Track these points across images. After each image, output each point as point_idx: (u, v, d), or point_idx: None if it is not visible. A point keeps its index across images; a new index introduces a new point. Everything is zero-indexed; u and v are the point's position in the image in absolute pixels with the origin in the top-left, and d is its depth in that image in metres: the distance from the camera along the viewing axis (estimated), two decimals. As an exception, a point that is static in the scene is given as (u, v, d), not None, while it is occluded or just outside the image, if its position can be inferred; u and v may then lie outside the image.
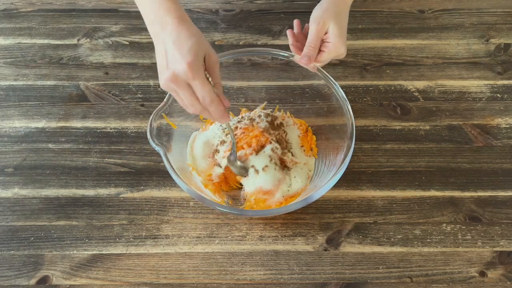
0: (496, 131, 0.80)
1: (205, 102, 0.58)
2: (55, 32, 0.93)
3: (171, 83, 0.58)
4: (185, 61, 0.56)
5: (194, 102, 0.59)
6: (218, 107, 0.59)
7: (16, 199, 0.73)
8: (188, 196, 0.72)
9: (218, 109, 0.59)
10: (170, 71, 0.57)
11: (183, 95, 0.59)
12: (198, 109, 0.60)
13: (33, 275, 0.66)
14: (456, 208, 0.72)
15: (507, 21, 0.95)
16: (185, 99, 0.59)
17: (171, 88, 0.59)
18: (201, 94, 0.58)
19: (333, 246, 0.69)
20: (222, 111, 0.60)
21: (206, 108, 0.59)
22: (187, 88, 0.58)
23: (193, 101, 0.59)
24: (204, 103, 0.59)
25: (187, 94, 0.58)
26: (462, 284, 0.66)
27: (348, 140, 0.67)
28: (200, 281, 0.66)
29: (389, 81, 0.86)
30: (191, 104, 0.59)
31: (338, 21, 0.68)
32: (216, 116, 0.61)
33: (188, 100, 0.59)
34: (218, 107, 0.59)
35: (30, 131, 0.80)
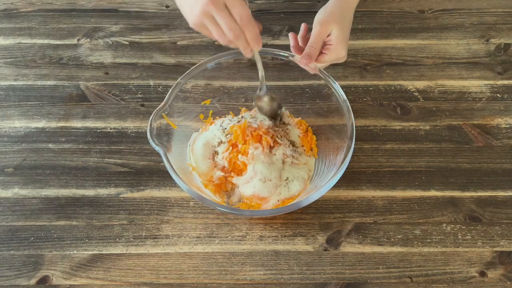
0: (496, 131, 0.80)
1: (243, 21, 0.58)
2: (55, 32, 0.93)
3: (211, 6, 0.57)
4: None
5: (232, 24, 0.58)
6: (255, 27, 0.60)
7: (16, 199, 0.73)
8: (188, 196, 0.72)
9: (255, 30, 0.60)
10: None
11: (220, 17, 0.58)
12: (236, 33, 0.59)
13: (33, 275, 0.66)
14: (456, 208, 0.72)
15: (507, 21, 0.95)
16: (223, 22, 0.58)
17: (208, 15, 0.58)
18: (239, 13, 0.58)
19: (333, 246, 0.69)
20: (258, 32, 0.61)
21: (243, 29, 0.59)
22: (224, 10, 0.58)
23: (231, 24, 0.58)
24: (242, 23, 0.58)
25: (225, 16, 0.58)
26: (462, 284, 0.66)
27: (348, 140, 0.67)
28: (200, 281, 0.66)
29: (389, 81, 0.86)
30: (229, 27, 0.59)
31: (341, 25, 0.68)
32: (251, 38, 0.60)
33: (226, 23, 0.58)
34: (255, 27, 0.60)
35: (30, 131, 0.80)
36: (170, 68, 0.87)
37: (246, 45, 0.62)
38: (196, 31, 0.63)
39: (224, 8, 0.58)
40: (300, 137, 0.76)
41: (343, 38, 0.69)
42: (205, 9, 0.58)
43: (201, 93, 0.77)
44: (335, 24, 0.68)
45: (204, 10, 0.58)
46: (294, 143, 0.74)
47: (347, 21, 0.70)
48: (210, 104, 0.78)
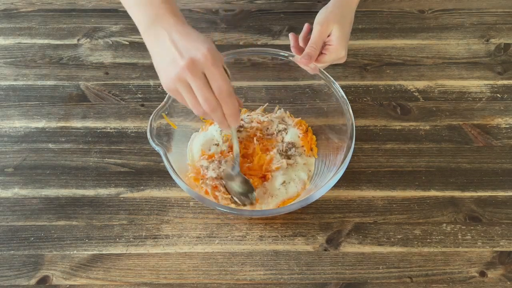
0: (496, 131, 0.80)
1: (222, 94, 0.54)
2: (55, 32, 0.93)
3: (187, 71, 0.52)
4: (205, 47, 0.53)
5: (208, 96, 0.54)
6: (235, 102, 0.55)
7: (16, 199, 0.73)
8: (188, 196, 0.72)
9: (234, 105, 0.55)
10: (186, 59, 0.52)
11: (196, 87, 0.53)
12: (211, 105, 0.54)
13: (33, 275, 0.66)
14: (456, 208, 0.72)
15: (507, 21, 0.95)
16: (198, 92, 0.54)
17: (183, 80, 0.54)
18: (218, 84, 0.53)
19: (333, 246, 0.69)
20: (237, 109, 0.56)
21: (221, 102, 0.55)
22: (202, 79, 0.53)
23: (207, 95, 0.54)
24: (220, 95, 0.54)
25: (201, 85, 0.53)
26: (462, 284, 0.66)
27: (348, 140, 0.67)
28: (200, 281, 0.66)
29: (389, 81, 0.86)
30: (205, 98, 0.54)
31: (342, 25, 0.68)
32: (230, 113, 0.56)
33: (202, 94, 0.54)
34: (235, 103, 0.55)
35: (30, 131, 0.80)
36: (170, 68, 0.87)
37: (222, 119, 0.57)
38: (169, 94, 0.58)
39: (202, 76, 0.53)
40: (300, 137, 0.76)
41: (343, 38, 0.69)
42: (181, 75, 0.53)
43: (201, 93, 0.77)
44: (335, 24, 0.68)
45: (179, 75, 0.53)
46: (294, 144, 0.75)
47: (347, 21, 0.70)
48: (210, 104, 0.78)
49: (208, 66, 0.53)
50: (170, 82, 0.55)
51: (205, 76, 0.54)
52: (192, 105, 0.56)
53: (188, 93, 0.55)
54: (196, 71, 0.53)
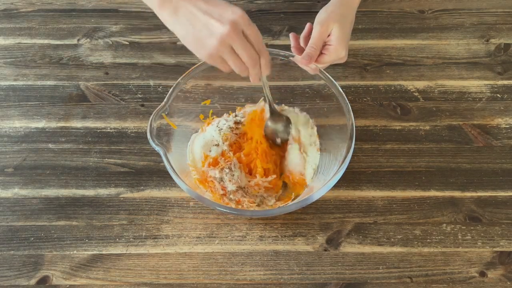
0: (496, 131, 0.80)
1: (259, 45, 0.59)
2: (55, 32, 0.93)
3: (232, 35, 0.56)
4: (237, 8, 0.56)
5: (252, 52, 0.58)
6: (267, 52, 0.61)
7: (16, 199, 0.73)
8: (188, 196, 0.72)
9: (267, 53, 0.61)
10: (227, 24, 0.55)
11: (241, 47, 0.57)
12: (254, 60, 0.59)
13: (33, 275, 0.66)
14: (456, 208, 0.72)
15: (507, 21, 0.95)
16: (243, 51, 0.58)
17: (226, 45, 0.57)
18: (257, 39, 0.58)
19: (333, 246, 0.69)
20: (269, 56, 0.61)
21: (260, 54, 0.59)
22: (243, 38, 0.57)
23: (251, 52, 0.58)
24: (258, 47, 0.59)
25: (245, 44, 0.57)
26: (462, 284, 0.66)
27: (348, 140, 0.67)
28: (200, 281, 0.66)
29: (389, 81, 0.86)
30: (249, 55, 0.58)
31: (342, 25, 0.68)
32: (265, 63, 0.61)
33: (246, 51, 0.58)
34: (267, 51, 0.61)
35: (30, 131, 0.80)
36: (170, 68, 0.87)
37: (258, 71, 0.62)
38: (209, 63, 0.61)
39: (243, 36, 0.57)
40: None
41: (343, 38, 0.69)
42: (225, 39, 0.56)
43: (201, 93, 0.77)
44: (335, 24, 0.68)
45: (223, 41, 0.57)
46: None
47: (348, 21, 0.70)
48: (210, 104, 0.78)
49: (246, 24, 0.57)
50: (213, 51, 0.58)
51: (244, 34, 0.58)
52: (235, 65, 0.60)
53: (232, 55, 0.59)
54: (238, 32, 0.56)
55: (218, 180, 0.69)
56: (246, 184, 0.70)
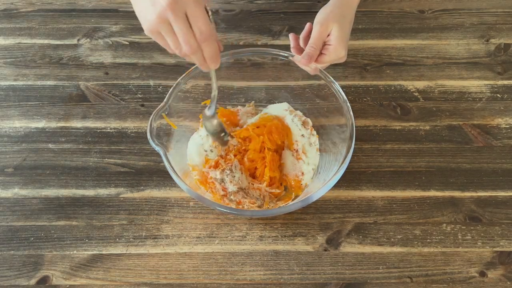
0: (496, 131, 0.80)
1: (203, 35, 0.53)
2: (55, 32, 0.93)
3: (169, 11, 0.51)
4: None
5: (189, 38, 0.52)
6: (215, 44, 0.54)
7: (16, 199, 0.73)
8: (188, 196, 0.72)
9: (213, 48, 0.54)
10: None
11: (178, 28, 0.52)
12: (192, 47, 0.53)
13: (33, 275, 0.66)
14: (456, 208, 0.72)
15: (507, 21, 0.95)
16: (180, 34, 0.52)
17: (165, 21, 0.52)
18: (199, 26, 0.52)
19: (333, 246, 0.69)
20: (217, 51, 0.55)
21: (201, 45, 0.54)
22: (183, 19, 0.52)
23: (188, 37, 0.52)
24: (201, 36, 0.53)
25: (183, 27, 0.52)
26: (462, 284, 0.66)
27: (348, 140, 0.67)
28: (200, 281, 0.66)
29: (389, 81, 0.86)
30: (186, 40, 0.53)
31: (341, 24, 0.68)
32: (209, 56, 0.55)
33: (183, 35, 0.52)
34: (215, 45, 0.54)
35: (30, 131, 0.80)
36: (170, 68, 0.87)
37: (202, 61, 0.56)
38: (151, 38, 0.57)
39: (183, 17, 0.52)
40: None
41: (342, 38, 0.68)
42: (162, 15, 0.52)
43: (201, 93, 0.77)
44: (335, 23, 0.67)
45: (161, 15, 0.52)
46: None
47: (347, 21, 0.70)
48: (210, 104, 0.78)
49: (190, 4, 0.51)
50: (153, 24, 0.53)
51: (187, 16, 0.52)
52: (174, 45, 0.55)
53: (170, 35, 0.54)
54: (178, 9, 0.51)
55: (219, 181, 0.69)
56: (247, 185, 0.70)
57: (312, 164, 0.73)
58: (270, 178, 0.71)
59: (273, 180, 0.71)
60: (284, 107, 0.78)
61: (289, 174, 0.73)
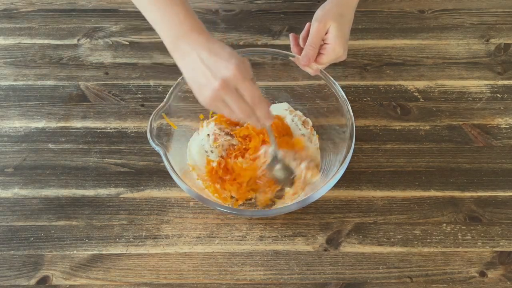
0: (496, 131, 0.80)
1: (255, 102, 0.59)
2: (55, 32, 0.93)
3: (221, 91, 0.57)
4: (232, 64, 0.56)
5: (243, 105, 0.59)
6: (266, 106, 0.60)
7: (16, 199, 0.73)
8: (188, 196, 0.72)
9: (266, 108, 0.60)
10: (218, 80, 0.56)
11: (232, 101, 0.58)
12: (247, 112, 0.59)
13: (33, 275, 0.66)
14: (456, 208, 0.72)
15: (507, 21, 0.95)
16: (234, 105, 0.58)
17: (219, 98, 0.58)
18: (250, 95, 0.58)
19: (333, 246, 0.69)
20: (268, 110, 0.61)
21: (254, 108, 0.59)
22: (235, 93, 0.58)
23: (242, 105, 0.59)
24: (253, 103, 0.59)
25: (236, 98, 0.58)
26: (462, 284, 0.66)
27: (348, 140, 0.67)
28: (200, 281, 0.66)
29: (389, 81, 0.86)
30: (240, 108, 0.59)
31: (339, 23, 0.68)
32: (263, 116, 0.60)
33: (237, 105, 0.58)
34: (265, 106, 0.60)
35: (30, 131, 0.80)
36: (170, 68, 0.87)
37: (257, 121, 0.62)
38: None
39: (234, 91, 0.58)
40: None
41: (340, 36, 0.68)
42: (216, 95, 0.57)
43: (201, 93, 0.77)
44: (332, 21, 0.67)
45: (215, 95, 0.58)
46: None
47: (346, 20, 0.70)
48: (210, 104, 0.78)
49: (239, 82, 0.57)
50: (208, 102, 0.59)
51: (237, 90, 0.58)
52: (230, 115, 0.61)
53: (226, 108, 0.60)
54: (229, 88, 0.57)
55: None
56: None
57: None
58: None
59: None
60: (284, 107, 0.78)
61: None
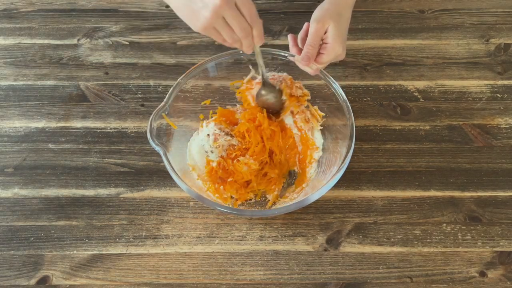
0: (496, 131, 0.80)
1: (253, 19, 0.60)
2: (55, 32, 0.93)
3: (225, 6, 0.57)
4: None
5: (243, 23, 0.60)
6: (261, 23, 0.62)
7: (16, 199, 0.73)
8: (188, 196, 0.72)
9: (261, 26, 0.62)
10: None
11: (233, 18, 0.59)
12: (247, 31, 0.61)
13: (33, 275, 0.66)
14: (456, 208, 0.72)
15: (507, 21, 0.95)
16: (235, 22, 0.59)
17: (219, 16, 0.59)
18: (249, 11, 0.59)
19: (333, 246, 0.69)
20: (262, 28, 0.62)
21: (252, 25, 0.61)
22: (235, 9, 0.59)
23: (243, 23, 0.60)
24: (251, 18, 0.60)
25: (237, 15, 0.59)
26: (462, 284, 0.66)
27: (348, 140, 0.67)
28: (200, 281, 0.66)
29: (389, 81, 0.86)
30: (241, 26, 0.60)
31: (338, 22, 0.68)
32: (258, 33, 0.62)
33: (238, 22, 0.59)
34: (261, 24, 0.62)
35: (30, 131, 0.80)
36: (170, 68, 0.87)
37: (251, 42, 0.63)
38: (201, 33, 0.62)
39: (235, 8, 0.59)
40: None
41: (339, 35, 0.68)
42: (218, 11, 0.58)
43: (201, 93, 0.77)
44: (330, 21, 0.67)
45: (216, 12, 0.58)
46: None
47: (343, 19, 0.70)
48: (210, 104, 0.78)
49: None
50: (207, 23, 0.59)
51: (237, 5, 0.59)
52: (228, 36, 0.61)
53: (225, 27, 0.60)
54: (230, 3, 0.58)
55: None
56: None
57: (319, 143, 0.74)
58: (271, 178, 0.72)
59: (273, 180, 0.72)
60: None
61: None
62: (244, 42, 0.63)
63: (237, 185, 0.70)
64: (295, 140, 0.74)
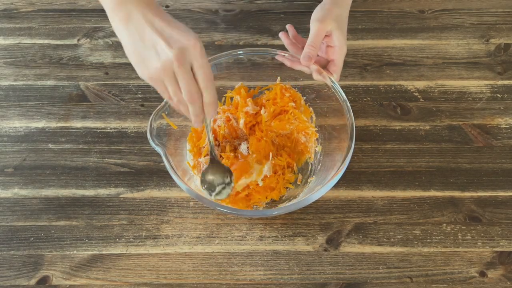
0: (496, 131, 0.80)
1: (206, 82, 0.54)
2: (55, 32, 0.93)
3: (176, 62, 0.51)
4: (193, 37, 0.51)
5: (193, 87, 0.53)
6: (215, 90, 0.55)
7: (16, 199, 0.73)
8: (188, 196, 0.72)
9: (215, 93, 0.55)
10: (176, 49, 0.51)
11: (183, 79, 0.53)
12: (193, 97, 0.54)
13: (33, 275, 0.66)
14: (456, 208, 0.72)
15: (507, 21, 0.95)
16: (183, 82, 0.53)
17: (168, 71, 0.52)
18: (205, 74, 0.53)
19: (333, 246, 0.69)
20: (216, 98, 0.56)
21: (203, 91, 0.54)
22: (188, 70, 0.52)
23: (192, 85, 0.53)
24: (204, 83, 0.54)
25: (188, 78, 0.52)
26: (462, 284, 0.66)
27: (348, 140, 0.67)
28: (200, 281, 0.66)
29: (389, 81, 0.86)
30: (188, 88, 0.53)
31: (340, 23, 0.68)
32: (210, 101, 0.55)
33: (186, 84, 0.53)
34: (214, 91, 0.55)
35: (30, 131, 0.80)
36: (170, 68, 0.87)
37: (200, 111, 0.56)
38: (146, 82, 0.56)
39: (188, 68, 0.53)
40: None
41: (343, 36, 0.68)
42: (168, 65, 0.52)
43: (201, 93, 0.77)
44: (334, 22, 0.67)
45: (166, 66, 0.52)
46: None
47: (344, 19, 0.70)
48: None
49: (197, 57, 0.52)
50: (156, 72, 0.53)
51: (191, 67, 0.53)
52: (173, 94, 0.55)
53: (173, 83, 0.54)
54: (185, 62, 0.52)
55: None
56: None
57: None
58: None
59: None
60: None
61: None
62: (191, 108, 0.55)
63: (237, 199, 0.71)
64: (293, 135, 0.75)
